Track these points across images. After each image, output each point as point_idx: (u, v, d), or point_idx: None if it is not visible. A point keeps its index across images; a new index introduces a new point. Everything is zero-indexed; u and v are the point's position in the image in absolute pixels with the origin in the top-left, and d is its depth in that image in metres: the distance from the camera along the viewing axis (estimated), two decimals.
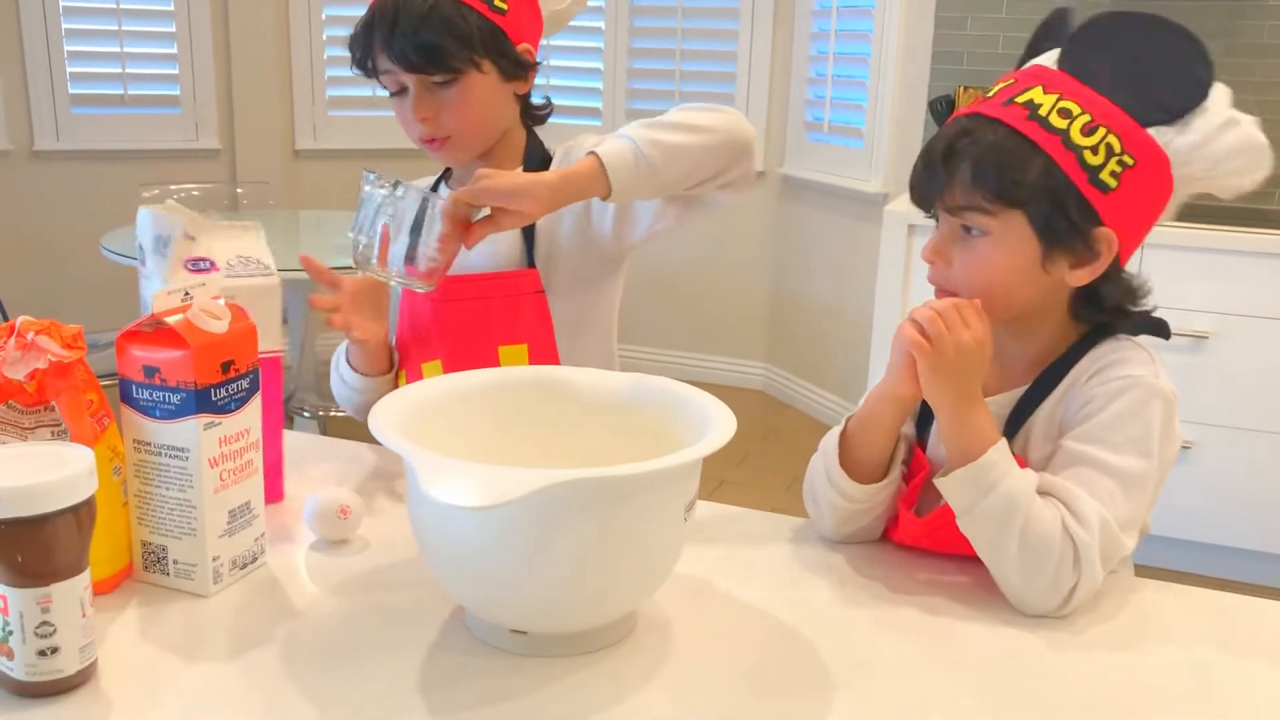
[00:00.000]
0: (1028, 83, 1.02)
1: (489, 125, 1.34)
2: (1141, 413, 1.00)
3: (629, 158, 1.16)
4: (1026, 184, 0.98)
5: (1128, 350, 1.04)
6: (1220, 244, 2.64)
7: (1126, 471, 0.98)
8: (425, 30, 1.24)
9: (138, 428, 0.92)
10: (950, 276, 1.04)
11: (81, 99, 3.98)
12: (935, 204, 1.04)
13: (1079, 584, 0.94)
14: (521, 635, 0.87)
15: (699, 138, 1.19)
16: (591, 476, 0.78)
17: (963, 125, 1.01)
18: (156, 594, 0.94)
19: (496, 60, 1.30)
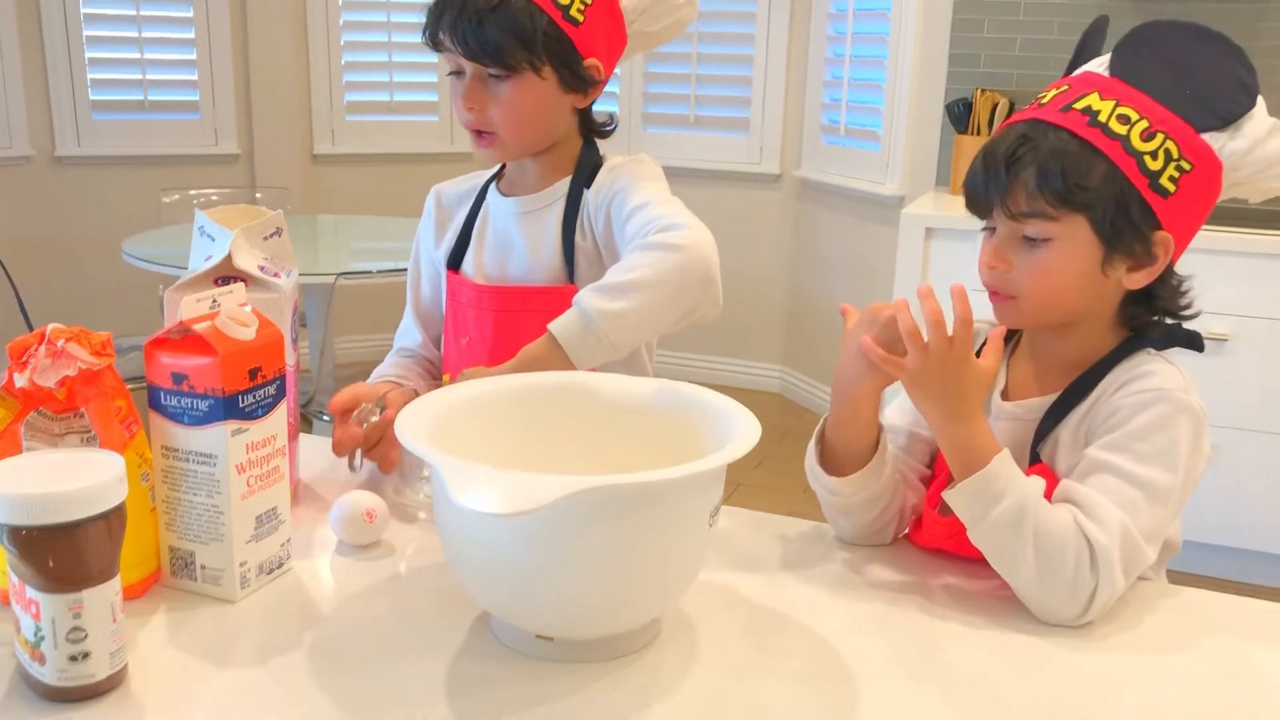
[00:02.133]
0: (1083, 89, 1.02)
1: (537, 130, 1.34)
2: (1168, 426, 0.99)
3: (580, 333, 1.17)
4: (1091, 189, 0.99)
5: (1157, 364, 1.04)
6: (1239, 246, 2.62)
7: (1150, 482, 0.97)
8: (490, 22, 1.25)
9: (166, 434, 0.93)
10: (1011, 280, 1.03)
11: (102, 105, 4.01)
12: (995, 209, 1.03)
13: (1098, 587, 0.93)
14: (547, 641, 0.87)
15: (651, 296, 1.18)
16: (617, 483, 0.78)
17: (1022, 131, 1.01)
18: (184, 599, 0.95)
19: (558, 68, 1.29)
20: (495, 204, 1.42)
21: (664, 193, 1.31)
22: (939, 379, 0.98)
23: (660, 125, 4.26)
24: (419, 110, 4.34)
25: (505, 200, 1.40)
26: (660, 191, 1.31)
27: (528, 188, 1.39)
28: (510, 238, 1.38)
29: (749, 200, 4.19)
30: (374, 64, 4.29)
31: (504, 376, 1.03)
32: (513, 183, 1.42)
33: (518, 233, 1.38)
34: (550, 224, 1.35)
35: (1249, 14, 3.01)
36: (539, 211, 1.37)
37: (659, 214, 1.25)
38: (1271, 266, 2.61)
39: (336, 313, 3.51)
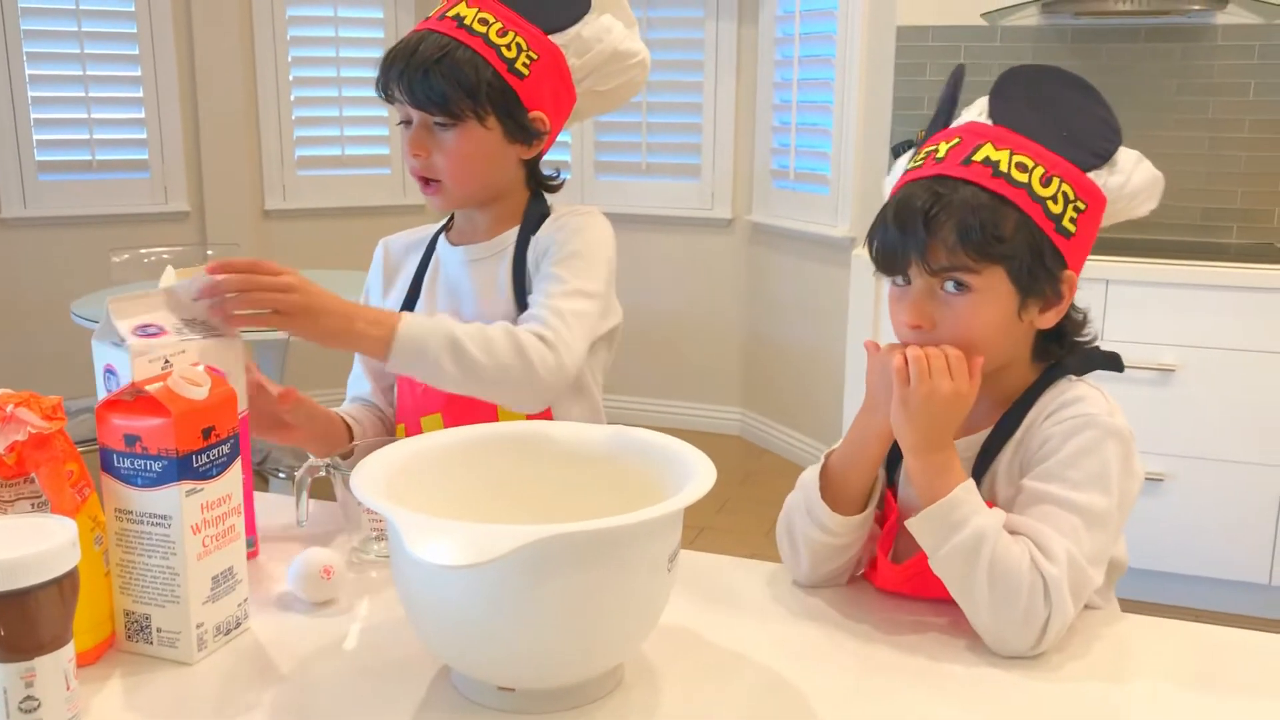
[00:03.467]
0: (976, 140, 1.04)
1: (480, 178, 1.36)
2: (1097, 450, 1.02)
3: (414, 349, 1.20)
4: (1007, 239, 1.01)
5: (1080, 389, 1.07)
6: (1183, 278, 2.69)
7: (1087, 507, 1.00)
8: (436, 72, 1.29)
9: (119, 496, 0.92)
10: (934, 337, 1.03)
11: (49, 165, 3.98)
12: (909, 267, 1.03)
13: (1051, 618, 0.95)
14: (509, 692, 0.87)
15: (476, 382, 1.22)
16: (574, 531, 0.79)
17: (930, 187, 1.02)
18: (140, 663, 0.94)
19: (503, 119, 1.32)
20: (445, 253, 1.43)
21: (584, 277, 1.32)
22: (925, 403, 0.99)
23: (612, 173, 4.30)
24: (370, 164, 4.35)
25: (455, 249, 1.42)
26: (581, 275, 1.32)
27: (477, 237, 1.42)
28: (460, 285, 1.40)
29: (702, 245, 4.23)
30: (324, 119, 4.30)
31: (459, 430, 1.03)
32: (462, 232, 1.44)
33: (467, 281, 1.40)
34: (500, 272, 1.37)
35: (1178, 53, 3.11)
36: (488, 260, 1.39)
37: (557, 310, 1.28)
38: (1216, 297, 2.67)
39: (291, 367, 3.48)
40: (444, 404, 1.34)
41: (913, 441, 1.01)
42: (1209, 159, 3.13)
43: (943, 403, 0.99)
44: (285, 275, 1.14)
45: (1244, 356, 2.67)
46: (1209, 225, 3.16)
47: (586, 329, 1.31)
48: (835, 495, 1.08)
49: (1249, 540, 2.74)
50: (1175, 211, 3.18)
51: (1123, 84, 3.17)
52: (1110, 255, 2.77)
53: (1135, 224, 3.33)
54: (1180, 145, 3.15)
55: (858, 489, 1.08)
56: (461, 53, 1.29)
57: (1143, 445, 2.24)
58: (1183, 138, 3.15)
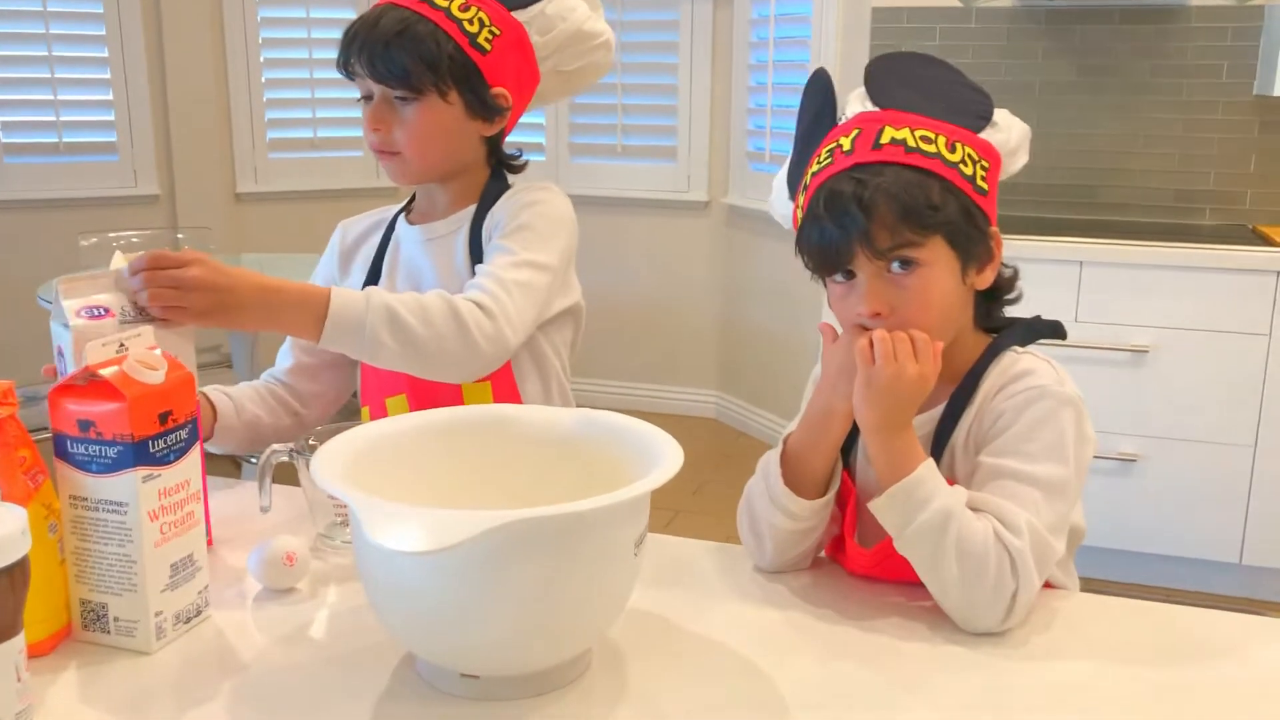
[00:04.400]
0: (876, 124, 1.05)
1: (440, 152, 1.34)
2: (1052, 421, 1.03)
3: (348, 324, 1.17)
4: (939, 207, 1.02)
5: (1029, 361, 1.08)
6: (1156, 259, 2.69)
7: (1045, 479, 1.00)
8: (396, 46, 1.27)
9: (74, 483, 0.90)
10: (896, 321, 1.02)
11: (14, 148, 3.92)
12: (852, 259, 1.02)
13: (1019, 591, 0.95)
14: (474, 679, 0.86)
15: (414, 355, 1.20)
16: (537, 516, 0.77)
17: (854, 176, 1.02)
18: (97, 653, 0.92)
19: (464, 94, 1.31)
20: (404, 233, 1.42)
21: (532, 249, 1.30)
22: (890, 385, 0.99)
23: (587, 155, 4.27)
24: (343, 146, 4.30)
25: (413, 229, 1.41)
26: (529, 247, 1.30)
27: (435, 216, 1.40)
28: (419, 265, 1.39)
29: (678, 228, 4.21)
30: (296, 100, 4.25)
31: (424, 413, 1.01)
32: (422, 212, 1.43)
33: (425, 260, 1.38)
34: (458, 249, 1.36)
35: (1153, 33, 3.11)
36: (445, 238, 1.38)
37: (500, 278, 1.25)
38: (1189, 279, 2.68)
39: (261, 352, 3.45)
40: (409, 385, 1.32)
41: (875, 423, 1.01)
42: (1182, 140, 3.14)
43: (908, 385, 0.99)
44: (187, 269, 1.09)
45: (1216, 338, 2.68)
46: (1182, 207, 3.17)
47: (532, 300, 1.28)
48: (797, 479, 1.07)
49: (1220, 520, 2.75)
50: (1148, 193, 3.18)
51: (1097, 65, 3.17)
52: (1083, 237, 2.78)
53: (1108, 205, 3.33)
54: (1154, 127, 3.15)
55: (819, 472, 1.08)
56: (423, 26, 1.27)
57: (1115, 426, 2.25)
58: (1156, 119, 3.15)
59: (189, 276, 1.10)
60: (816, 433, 1.07)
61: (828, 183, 1.04)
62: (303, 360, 1.42)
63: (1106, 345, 2.73)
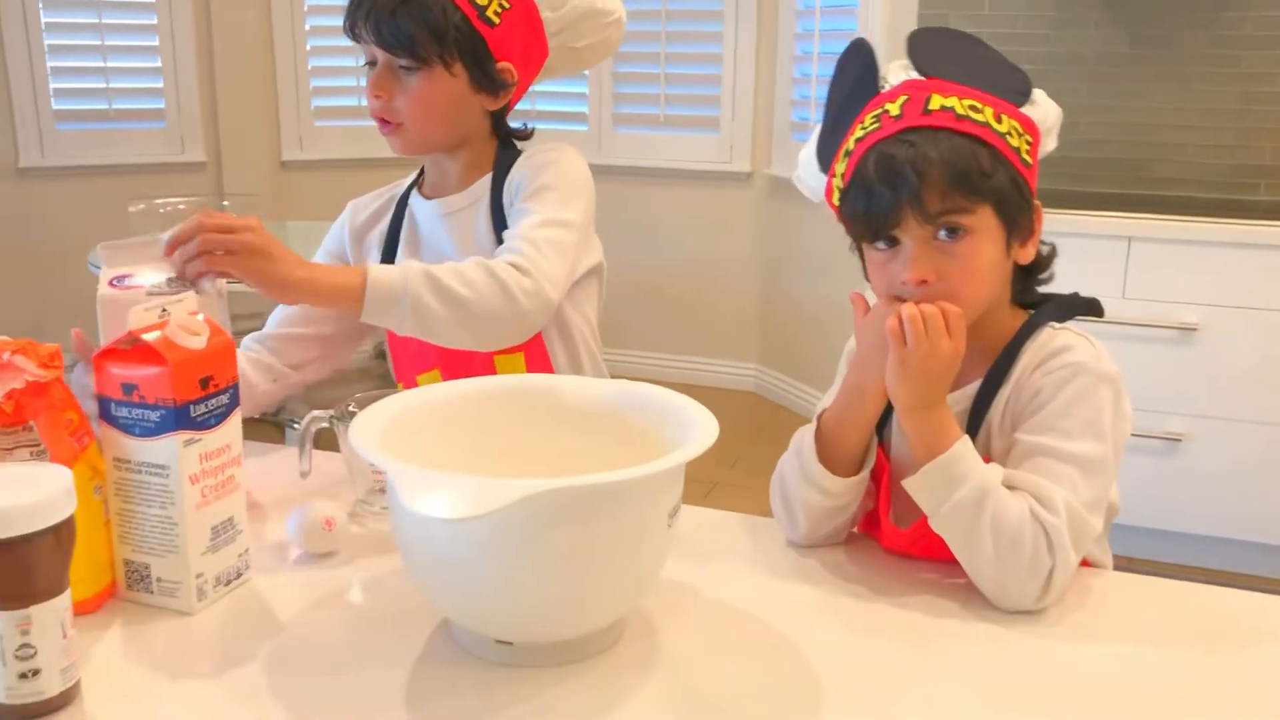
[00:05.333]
0: (925, 91, 1.03)
1: (441, 124, 1.34)
2: (1090, 397, 1.01)
3: (388, 297, 1.17)
4: (990, 175, 1.01)
5: (1067, 337, 1.06)
6: (1206, 236, 2.64)
7: (1083, 456, 0.99)
8: (403, 13, 1.26)
9: (117, 446, 0.92)
10: (944, 288, 1.01)
11: (66, 115, 3.97)
12: (899, 224, 1.01)
13: (1055, 569, 0.95)
14: (507, 646, 0.86)
15: (461, 320, 1.19)
16: (572, 485, 0.78)
17: (903, 139, 1.01)
18: (140, 612, 0.94)
19: (469, 67, 1.30)
20: (419, 208, 1.41)
21: (556, 207, 1.29)
22: (923, 365, 0.98)
23: (630, 125, 4.26)
24: None
25: (428, 203, 1.40)
26: (552, 206, 1.29)
27: (449, 189, 1.39)
28: (439, 240, 1.38)
29: (721, 199, 4.19)
30: (341, 69, 4.26)
31: (462, 382, 1.01)
32: (434, 185, 1.42)
33: (445, 234, 1.38)
34: (479, 221, 1.35)
35: (1209, 4, 3.03)
36: (464, 211, 1.37)
37: (529, 239, 1.24)
38: (1238, 255, 2.62)
39: None
40: (440, 359, 1.32)
41: (909, 402, 1.00)
42: (1239, 114, 3.07)
43: (941, 362, 0.98)
44: (241, 234, 1.11)
45: (1268, 316, 2.63)
46: (1237, 182, 3.10)
47: (564, 257, 1.27)
48: (831, 456, 1.07)
49: (1267, 501, 2.71)
50: (1202, 168, 3.12)
51: (1151, 36, 3.11)
52: (1133, 212, 2.73)
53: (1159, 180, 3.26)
54: (1210, 100, 3.09)
55: (854, 449, 1.07)
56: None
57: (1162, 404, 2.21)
58: (1212, 92, 3.08)
59: (243, 240, 1.11)
60: (850, 410, 1.06)
61: (877, 145, 1.02)
62: (293, 330, 1.39)
63: (1154, 323, 2.68)
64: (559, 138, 1.45)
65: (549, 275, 1.23)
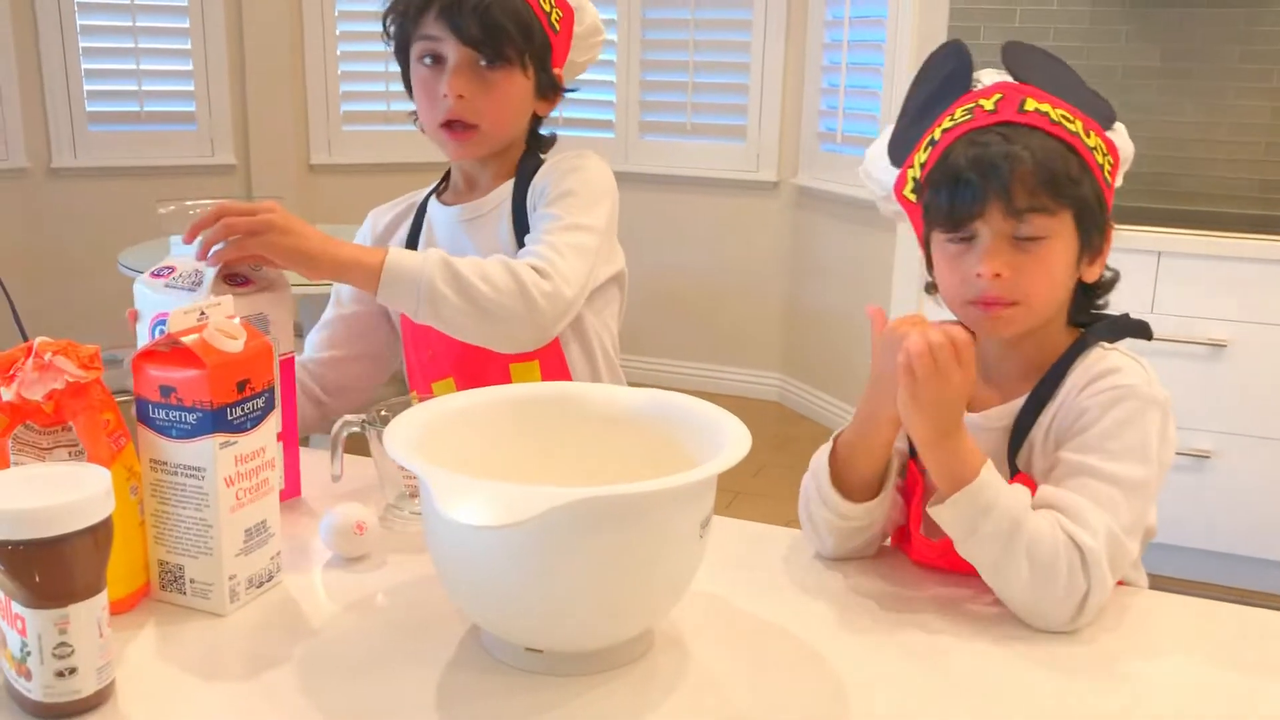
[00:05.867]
0: (1019, 93, 1.03)
1: (511, 128, 1.34)
2: (1137, 420, 1.00)
3: (406, 280, 1.16)
4: (1077, 182, 1.00)
5: (1117, 359, 1.05)
6: (1237, 252, 2.62)
7: (1127, 478, 0.98)
8: (496, 8, 1.24)
9: (154, 447, 0.93)
10: (1015, 286, 1.01)
11: (98, 116, 4.01)
12: (981, 215, 1.00)
13: (1090, 592, 0.94)
14: (537, 653, 0.87)
15: (476, 315, 1.18)
16: (606, 495, 0.78)
17: (998, 132, 1.00)
18: (174, 613, 0.95)
19: (538, 72, 1.30)
20: (438, 215, 1.41)
21: (580, 213, 1.28)
22: (936, 400, 0.95)
23: (657, 133, 4.26)
24: None
25: (448, 210, 1.40)
26: (576, 211, 1.28)
27: (472, 194, 1.39)
28: (460, 246, 1.37)
29: (746, 208, 4.19)
30: (371, 74, 4.29)
31: (492, 389, 1.02)
32: (458, 191, 1.42)
33: (466, 240, 1.37)
34: (501, 227, 1.35)
35: (1242, 18, 3.02)
36: (485, 217, 1.37)
37: (551, 243, 1.24)
38: (1268, 271, 2.60)
39: None
40: (454, 367, 1.32)
41: (926, 436, 0.97)
42: (1270, 129, 3.05)
43: (954, 394, 0.96)
44: (261, 214, 1.11)
45: None
46: (1267, 198, 3.08)
47: (584, 261, 1.26)
48: (845, 481, 1.06)
49: None
50: (1232, 183, 3.10)
51: (1182, 50, 3.09)
52: (1162, 226, 2.71)
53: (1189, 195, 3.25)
54: (1240, 114, 3.07)
55: (868, 475, 1.06)
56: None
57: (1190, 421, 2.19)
58: (1243, 107, 3.06)
59: (265, 220, 1.11)
60: (864, 437, 1.05)
61: (969, 134, 1.02)
62: (333, 354, 1.43)
63: (1183, 338, 2.66)
64: (585, 145, 1.45)
65: (568, 277, 1.23)
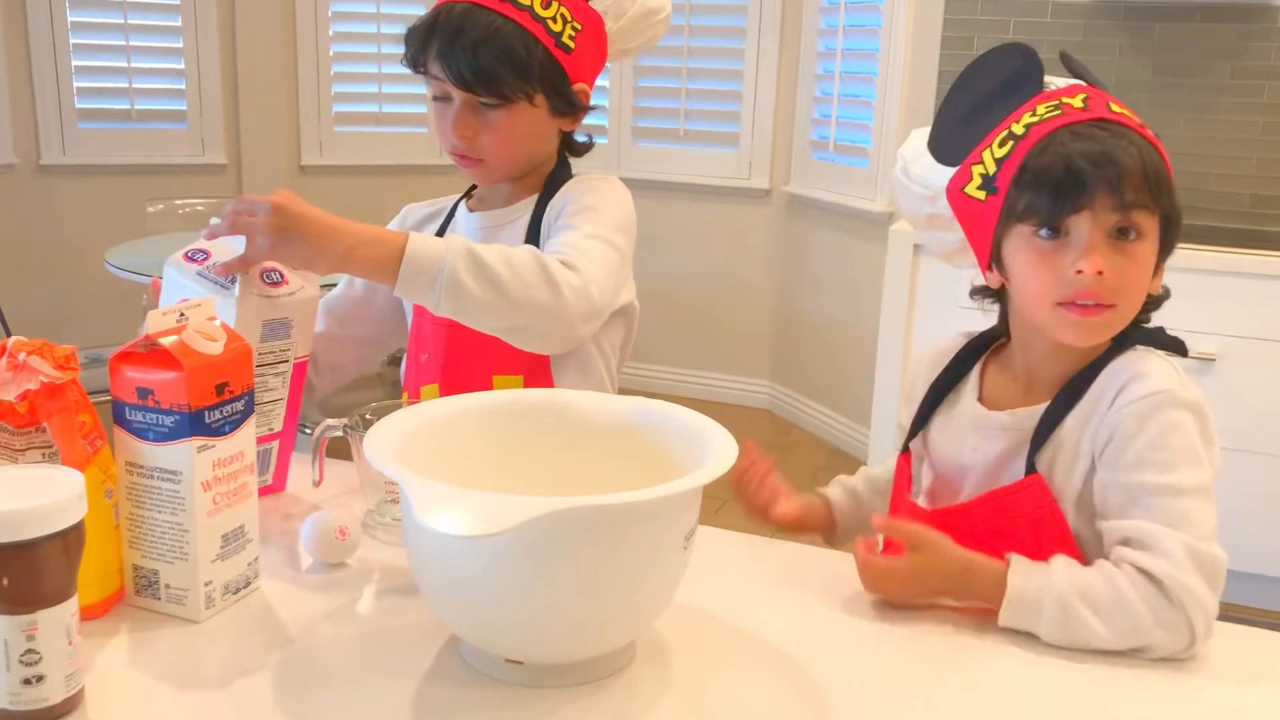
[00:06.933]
0: (1102, 95, 1.02)
1: (526, 155, 1.32)
2: (1179, 427, 0.98)
3: (425, 268, 1.10)
4: (1171, 188, 0.99)
5: (1148, 362, 1.02)
6: (1225, 266, 2.62)
7: (1188, 485, 0.96)
8: (485, 52, 1.22)
9: (130, 450, 0.91)
10: (1113, 287, 0.98)
11: (88, 114, 3.99)
12: (1085, 208, 0.97)
13: (1190, 614, 0.91)
14: (517, 665, 0.85)
15: (499, 304, 1.12)
16: (588, 505, 0.76)
17: (1102, 127, 0.98)
18: (148, 619, 0.93)
19: (550, 96, 1.28)
20: (463, 221, 1.40)
21: (602, 226, 1.25)
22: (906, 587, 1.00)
23: (649, 139, 4.25)
24: (408, 122, 4.32)
25: (472, 216, 1.39)
26: (598, 225, 1.24)
27: (496, 204, 1.38)
28: None
29: (738, 215, 4.18)
30: (363, 75, 4.27)
31: (478, 395, 1.00)
32: (483, 200, 1.40)
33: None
34: (515, 238, 1.33)
35: (1235, 33, 3.02)
36: (504, 226, 1.35)
37: (575, 245, 1.20)
38: (1258, 286, 2.61)
39: None
40: (440, 374, 1.31)
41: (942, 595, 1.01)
42: (1262, 144, 3.05)
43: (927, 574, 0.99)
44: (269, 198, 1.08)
45: None
46: (1258, 213, 3.08)
47: (609, 270, 1.21)
48: None
49: None
50: (1223, 198, 3.10)
51: (1175, 65, 3.09)
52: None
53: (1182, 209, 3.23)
54: (1232, 130, 3.07)
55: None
56: (510, 29, 1.23)
57: None
58: (1235, 122, 3.06)
59: (268, 201, 1.08)
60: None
61: (1071, 127, 0.99)
62: (333, 331, 1.40)
63: None
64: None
65: (597, 279, 1.17)
